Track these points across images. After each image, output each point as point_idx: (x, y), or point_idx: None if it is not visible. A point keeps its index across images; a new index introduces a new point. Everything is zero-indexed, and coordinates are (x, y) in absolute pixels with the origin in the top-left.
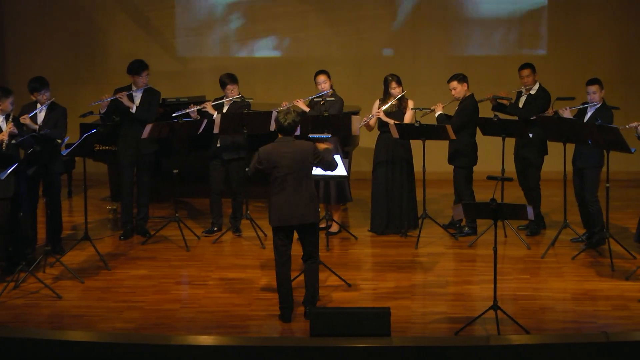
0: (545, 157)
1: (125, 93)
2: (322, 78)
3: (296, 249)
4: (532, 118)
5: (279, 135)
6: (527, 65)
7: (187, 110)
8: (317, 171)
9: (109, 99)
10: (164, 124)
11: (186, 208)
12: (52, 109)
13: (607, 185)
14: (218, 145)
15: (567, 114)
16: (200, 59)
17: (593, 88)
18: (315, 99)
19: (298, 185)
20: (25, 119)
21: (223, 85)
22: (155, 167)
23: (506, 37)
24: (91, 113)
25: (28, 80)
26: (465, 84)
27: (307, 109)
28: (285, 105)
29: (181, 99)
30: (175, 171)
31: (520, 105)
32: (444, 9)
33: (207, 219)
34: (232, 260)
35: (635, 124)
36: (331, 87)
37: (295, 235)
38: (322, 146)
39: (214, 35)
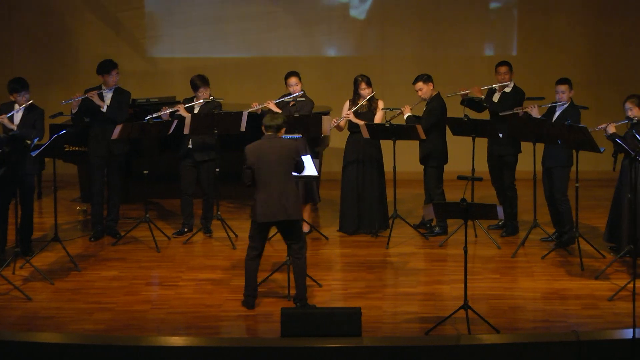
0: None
1: (96, 92)
2: (293, 80)
3: (271, 250)
4: (501, 114)
5: (265, 133)
6: (505, 63)
7: (160, 113)
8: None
9: (79, 98)
10: (134, 125)
11: (157, 209)
12: (29, 110)
13: (577, 184)
14: (190, 146)
15: (535, 112)
16: (170, 60)
17: (562, 87)
18: (285, 100)
19: (283, 182)
20: (3, 119)
21: (195, 87)
22: (126, 168)
23: (476, 37)
24: (61, 114)
25: (8, 80)
26: (430, 84)
27: (278, 111)
28: (255, 106)
29: (151, 100)
30: (145, 172)
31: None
32: (413, 9)
33: (177, 219)
34: (202, 261)
35: (604, 125)
36: (301, 88)
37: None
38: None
39: (183, 36)
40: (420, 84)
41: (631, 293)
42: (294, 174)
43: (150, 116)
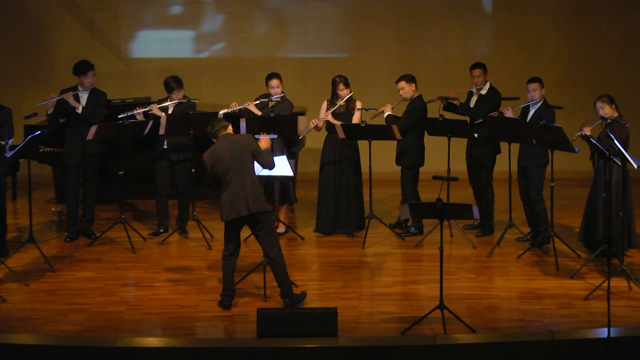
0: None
1: (71, 93)
2: (275, 82)
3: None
4: (477, 122)
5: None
6: (479, 65)
7: (132, 112)
8: (264, 172)
9: (55, 99)
10: (109, 126)
11: (132, 209)
12: None
13: (552, 184)
14: (165, 146)
15: (509, 113)
16: (145, 60)
17: (533, 86)
18: (265, 101)
19: (242, 178)
20: None
21: (169, 88)
22: (101, 168)
23: (452, 37)
24: (36, 114)
25: None
26: (413, 85)
27: (258, 112)
28: (235, 106)
29: (127, 100)
30: (120, 173)
31: (472, 105)
32: (390, 9)
33: (153, 220)
34: (178, 262)
35: (579, 133)
36: (282, 91)
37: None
38: (262, 144)
39: (159, 36)
40: (402, 84)
41: (606, 292)
42: (271, 173)
43: (124, 115)
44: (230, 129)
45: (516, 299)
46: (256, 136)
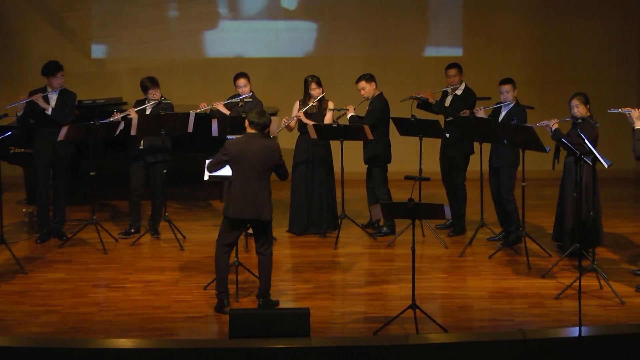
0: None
1: (40, 94)
2: (242, 82)
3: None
4: (448, 119)
5: (248, 130)
6: (454, 65)
7: (111, 119)
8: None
9: (24, 101)
10: (80, 127)
11: (104, 210)
12: None
13: (523, 184)
14: (141, 147)
15: (481, 113)
16: (116, 61)
17: (506, 87)
18: (234, 101)
19: (259, 181)
20: None
21: (145, 89)
22: (72, 169)
23: (423, 36)
24: (6, 115)
25: None
26: (373, 84)
27: (227, 112)
28: (203, 106)
29: (98, 101)
30: (92, 173)
31: (447, 105)
32: (361, 8)
33: (125, 221)
34: (150, 263)
35: (546, 122)
36: (250, 90)
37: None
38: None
39: (130, 37)
40: (362, 83)
41: (577, 291)
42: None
43: (104, 121)
44: (267, 131)
45: (488, 299)
46: (228, 137)
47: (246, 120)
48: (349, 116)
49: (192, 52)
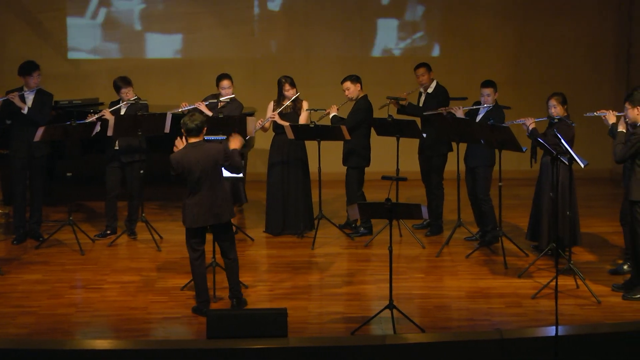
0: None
1: (17, 94)
2: (226, 83)
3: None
4: (425, 113)
5: (188, 139)
6: (422, 65)
7: (87, 120)
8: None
9: (0, 100)
10: (57, 127)
11: (81, 211)
12: None
13: (500, 184)
14: (116, 147)
15: (460, 113)
16: (92, 61)
17: (487, 90)
18: (212, 102)
19: (211, 187)
20: None
21: (117, 88)
22: (49, 170)
23: (400, 37)
24: None
25: None
26: (358, 85)
27: (209, 113)
28: (185, 106)
29: (74, 102)
30: (68, 174)
31: (421, 105)
32: (338, 9)
33: (102, 222)
34: (127, 264)
35: (522, 120)
36: (233, 92)
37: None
38: (233, 144)
39: (106, 37)
40: (348, 84)
41: (554, 291)
42: (228, 175)
43: (81, 122)
44: (205, 131)
45: (465, 299)
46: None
47: (182, 129)
48: (331, 116)
49: (169, 52)
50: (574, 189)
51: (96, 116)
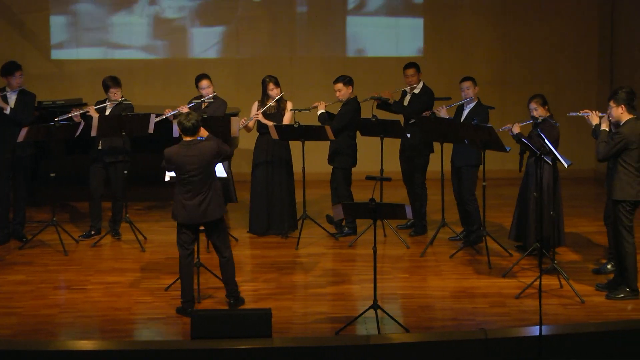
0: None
1: None
2: (205, 83)
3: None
4: (411, 122)
5: (183, 137)
6: (412, 65)
7: (70, 115)
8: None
9: None
10: (40, 128)
11: (65, 212)
12: None
13: (484, 184)
14: (99, 147)
15: (443, 112)
16: (76, 62)
17: (466, 84)
18: (197, 103)
19: (204, 185)
20: None
21: (106, 88)
22: (33, 170)
23: (384, 37)
24: None
25: None
26: (350, 87)
27: None
28: (168, 112)
29: (57, 102)
30: (52, 174)
31: (405, 104)
32: (322, 10)
33: (85, 222)
34: (111, 264)
35: (509, 125)
36: (213, 90)
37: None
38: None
39: (90, 37)
40: (340, 85)
41: (538, 290)
42: (220, 175)
43: (62, 117)
44: (201, 131)
45: (449, 298)
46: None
47: (179, 128)
48: (319, 112)
49: (153, 52)
50: (559, 189)
51: (80, 111)
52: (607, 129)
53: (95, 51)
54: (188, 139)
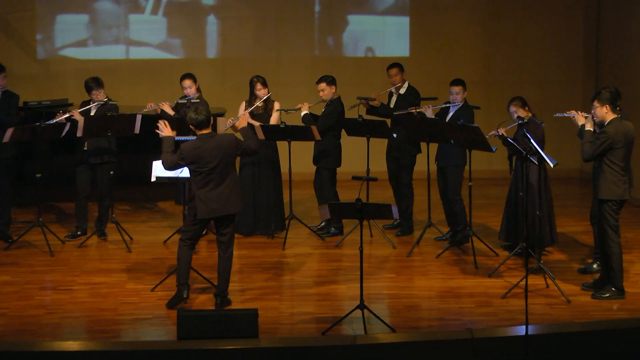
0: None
1: None
2: (187, 83)
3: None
4: (396, 113)
5: (197, 132)
6: (395, 65)
7: (56, 120)
8: (184, 173)
9: None
10: (26, 128)
11: (50, 212)
12: None
13: (470, 183)
14: (85, 148)
15: (429, 112)
16: (62, 62)
17: (456, 89)
18: (180, 102)
19: (224, 178)
20: None
21: (89, 89)
22: (18, 171)
23: (369, 38)
24: None
25: None
26: (333, 87)
27: (172, 113)
28: (150, 106)
29: (43, 102)
30: (38, 175)
31: (392, 106)
32: (308, 10)
33: (71, 223)
34: (97, 265)
35: (493, 132)
36: (197, 90)
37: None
38: (240, 122)
39: (76, 38)
40: (323, 85)
41: (524, 290)
42: (187, 174)
43: (49, 122)
44: (211, 121)
45: (436, 298)
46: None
47: (189, 125)
48: (302, 113)
49: (139, 52)
50: (549, 188)
51: (65, 116)
52: (592, 129)
53: (81, 51)
54: (204, 131)
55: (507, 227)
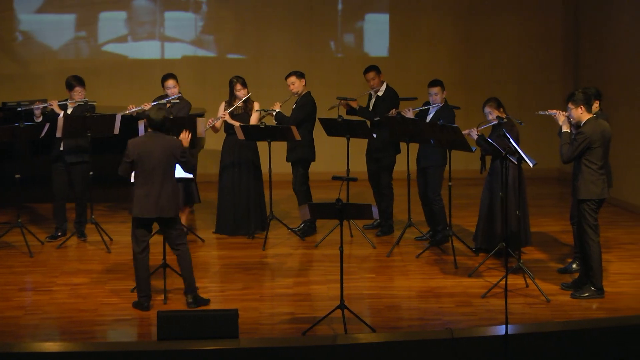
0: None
1: None
2: (171, 83)
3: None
4: (376, 119)
5: (149, 130)
6: (371, 68)
7: (31, 107)
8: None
9: None
10: (5, 128)
11: (30, 213)
12: None
13: (450, 184)
14: (61, 148)
15: (409, 114)
16: (41, 61)
17: (435, 90)
18: (162, 103)
19: (163, 180)
20: None
21: (70, 87)
22: None
23: (349, 37)
24: None
25: None
26: (303, 80)
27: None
28: (131, 108)
29: (22, 102)
30: (17, 176)
31: (371, 108)
32: (288, 10)
33: (51, 224)
34: (77, 265)
35: (467, 131)
36: (179, 91)
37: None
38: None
39: (56, 38)
40: (293, 78)
41: (503, 290)
42: (183, 175)
43: (22, 109)
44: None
45: (416, 298)
46: None
47: (145, 119)
48: (274, 113)
49: (118, 52)
50: (524, 188)
51: (43, 105)
52: (569, 131)
53: (61, 51)
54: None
55: (483, 231)
